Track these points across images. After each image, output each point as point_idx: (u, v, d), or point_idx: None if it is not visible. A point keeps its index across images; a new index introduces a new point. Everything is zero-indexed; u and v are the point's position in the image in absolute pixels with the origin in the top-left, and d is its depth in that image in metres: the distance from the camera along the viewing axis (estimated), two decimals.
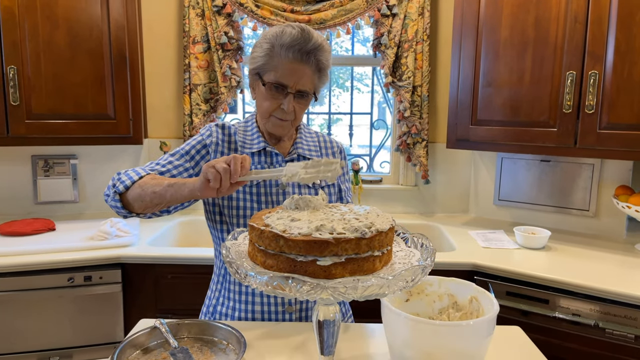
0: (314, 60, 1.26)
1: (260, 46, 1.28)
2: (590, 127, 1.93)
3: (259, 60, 1.28)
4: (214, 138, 1.34)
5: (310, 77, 1.28)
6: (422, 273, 0.80)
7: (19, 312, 1.90)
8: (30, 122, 2.13)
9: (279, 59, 1.25)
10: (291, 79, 1.25)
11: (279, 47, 1.24)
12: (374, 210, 0.92)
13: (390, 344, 1.02)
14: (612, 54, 1.85)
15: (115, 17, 2.18)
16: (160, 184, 1.16)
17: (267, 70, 1.27)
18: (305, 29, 1.25)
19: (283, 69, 1.25)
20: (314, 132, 1.51)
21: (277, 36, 1.25)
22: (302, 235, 0.77)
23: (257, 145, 1.35)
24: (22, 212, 2.51)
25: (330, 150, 1.49)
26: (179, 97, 2.62)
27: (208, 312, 1.40)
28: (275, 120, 1.31)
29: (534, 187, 2.46)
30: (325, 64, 1.29)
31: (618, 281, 1.69)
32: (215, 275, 1.42)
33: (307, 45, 1.23)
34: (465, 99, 2.23)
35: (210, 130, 1.36)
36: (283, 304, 1.32)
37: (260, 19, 2.45)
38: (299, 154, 1.39)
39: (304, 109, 1.33)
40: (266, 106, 1.29)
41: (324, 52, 1.27)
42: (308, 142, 1.45)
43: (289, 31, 1.24)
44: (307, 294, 0.74)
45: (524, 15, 2.04)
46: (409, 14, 2.45)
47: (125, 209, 1.25)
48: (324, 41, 1.28)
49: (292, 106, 1.28)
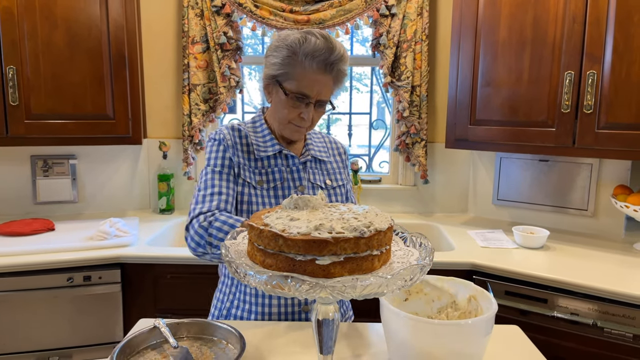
0: (336, 71, 1.25)
1: (279, 52, 1.25)
2: (588, 127, 1.93)
3: (279, 67, 1.25)
4: (229, 140, 1.33)
5: (331, 86, 1.28)
6: (420, 272, 0.80)
7: (18, 312, 1.90)
8: (29, 122, 2.13)
9: (301, 69, 1.23)
10: (313, 90, 1.25)
11: (303, 56, 1.22)
12: (373, 210, 0.92)
13: (389, 343, 1.02)
14: (610, 54, 1.86)
15: (114, 17, 2.18)
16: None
17: (287, 78, 1.25)
18: (328, 38, 1.23)
19: (306, 79, 1.23)
20: (319, 132, 1.53)
21: (299, 44, 1.22)
22: (301, 235, 0.77)
23: (272, 148, 1.35)
24: (21, 212, 2.51)
25: (336, 151, 1.51)
26: (178, 97, 2.62)
27: (221, 316, 1.39)
28: (293, 127, 1.31)
29: (533, 187, 2.47)
30: (345, 74, 1.29)
31: (616, 280, 1.70)
32: (227, 277, 1.41)
33: (331, 56, 1.22)
34: (464, 99, 2.23)
35: (223, 133, 1.34)
36: (300, 304, 1.32)
37: (259, 19, 2.45)
38: (312, 155, 1.41)
39: (320, 116, 1.35)
40: (285, 114, 1.29)
41: (345, 62, 1.27)
42: (317, 143, 1.46)
43: (313, 40, 1.21)
44: (306, 293, 0.74)
45: (522, 15, 2.04)
46: (408, 14, 2.45)
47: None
48: (345, 51, 1.27)
49: (312, 115, 1.29)
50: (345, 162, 1.52)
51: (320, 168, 1.42)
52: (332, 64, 1.23)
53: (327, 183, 1.41)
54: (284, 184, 1.34)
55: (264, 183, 1.32)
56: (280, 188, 1.33)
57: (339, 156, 1.51)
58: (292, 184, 1.34)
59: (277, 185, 1.33)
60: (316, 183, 1.39)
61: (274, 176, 1.34)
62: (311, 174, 1.39)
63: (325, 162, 1.44)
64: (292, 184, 1.34)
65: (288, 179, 1.35)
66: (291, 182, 1.35)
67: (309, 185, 1.37)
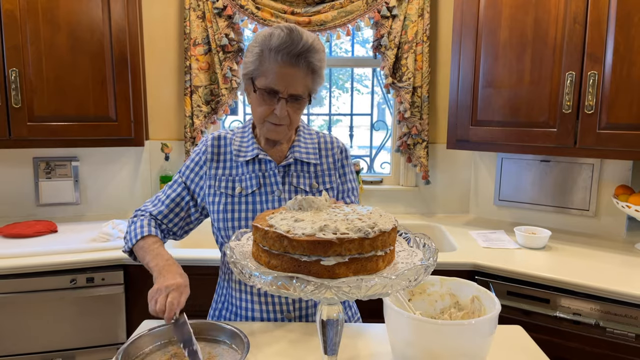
0: (305, 63, 1.21)
1: (251, 50, 1.25)
2: (589, 127, 1.94)
3: (250, 65, 1.25)
4: (208, 154, 1.36)
5: (302, 80, 1.23)
6: (424, 272, 0.81)
7: (21, 313, 1.91)
8: (32, 125, 2.14)
9: (268, 64, 1.21)
10: (282, 84, 1.21)
11: (268, 51, 1.20)
12: (377, 211, 0.93)
13: (392, 343, 1.03)
14: (611, 54, 1.86)
15: (116, 19, 2.18)
16: (144, 258, 1.30)
17: (258, 75, 1.24)
18: (294, 29, 1.20)
19: (273, 73, 1.21)
20: (314, 132, 1.45)
21: (266, 39, 1.21)
22: (306, 236, 0.78)
23: (251, 152, 1.33)
24: (23, 214, 2.51)
25: (331, 152, 1.41)
26: (180, 98, 2.63)
27: (214, 316, 1.43)
28: (269, 125, 1.27)
29: (534, 187, 2.47)
30: (317, 65, 1.23)
31: (618, 280, 1.70)
32: (221, 279, 1.43)
33: (296, 47, 1.19)
34: (465, 99, 2.24)
35: (206, 146, 1.37)
36: (282, 311, 1.32)
37: (261, 21, 2.46)
38: (295, 158, 1.35)
39: (299, 112, 1.29)
40: (260, 112, 1.26)
41: (315, 52, 1.22)
42: (307, 144, 1.39)
43: (277, 33, 1.20)
44: (312, 294, 0.75)
45: (523, 16, 2.05)
46: (409, 15, 2.46)
47: (137, 260, 1.37)
48: (315, 41, 1.22)
49: (286, 111, 1.24)
50: (341, 162, 1.43)
51: (307, 171, 1.36)
52: (298, 55, 1.19)
53: (312, 186, 1.35)
54: (261, 190, 1.31)
55: (242, 189, 1.31)
56: (258, 194, 1.31)
57: (332, 157, 1.41)
58: (269, 189, 1.32)
59: (255, 191, 1.31)
60: (299, 187, 1.34)
61: (251, 182, 1.32)
62: (295, 177, 1.34)
63: (312, 165, 1.38)
64: (269, 189, 1.32)
65: (265, 184, 1.32)
66: (268, 188, 1.32)
67: (290, 189, 1.33)
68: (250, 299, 1.33)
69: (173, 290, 1.15)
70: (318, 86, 1.30)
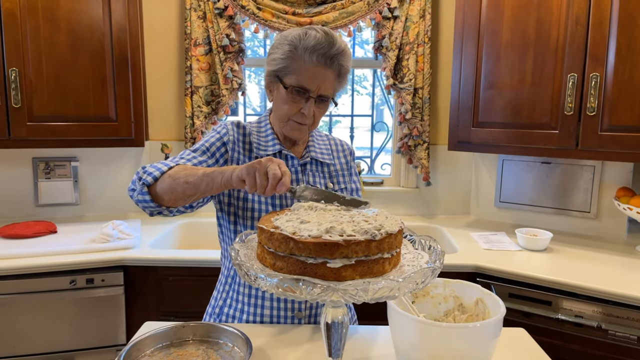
0: (337, 65, 1.24)
1: (281, 48, 1.25)
2: (591, 129, 1.93)
3: (280, 62, 1.25)
4: (231, 136, 1.32)
5: (332, 82, 1.26)
6: (431, 275, 0.80)
7: (21, 314, 1.90)
8: (31, 125, 2.13)
9: (301, 62, 1.22)
10: (314, 83, 1.23)
11: (303, 50, 1.21)
12: (383, 213, 0.92)
13: (396, 346, 1.02)
14: (614, 56, 1.86)
15: (117, 19, 2.18)
16: (194, 174, 1.11)
17: (288, 73, 1.24)
18: (329, 32, 1.23)
19: (306, 72, 1.22)
20: (324, 134, 1.51)
21: (301, 38, 1.22)
22: (312, 238, 0.77)
23: (273, 147, 1.34)
24: (23, 214, 2.50)
25: (342, 153, 1.48)
26: (181, 99, 2.62)
27: (214, 313, 1.39)
28: (293, 124, 1.29)
29: (535, 189, 2.47)
30: (346, 69, 1.28)
31: (620, 283, 1.70)
32: (223, 276, 1.41)
33: (332, 49, 1.21)
34: (466, 101, 2.23)
35: (227, 128, 1.34)
36: (292, 309, 1.31)
37: (261, 22, 2.45)
38: (312, 157, 1.38)
39: (323, 114, 1.32)
40: (285, 110, 1.27)
41: (346, 57, 1.25)
42: (320, 145, 1.44)
43: (314, 34, 1.21)
44: (318, 296, 0.74)
45: (525, 17, 2.05)
46: (410, 16, 2.46)
47: (154, 202, 1.18)
48: (347, 46, 1.26)
49: (313, 111, 1.26)
50: (350, 164, 1.50)
51: (322, 170, 1.41)
52: (332, 57, 1.22)
53: (327, 186, 1.40)
54: None
55: None
56: None
57: (344, 158, 1.48)
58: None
59: None
60: (315, 186, 1.37)
61: None
62: (311, 176, 1.37)
63: (327, 165, 1.42)
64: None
65: None
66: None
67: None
68: (262, 295, 1.32)
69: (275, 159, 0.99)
70: (342, 90, 1.33)
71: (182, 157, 1.26)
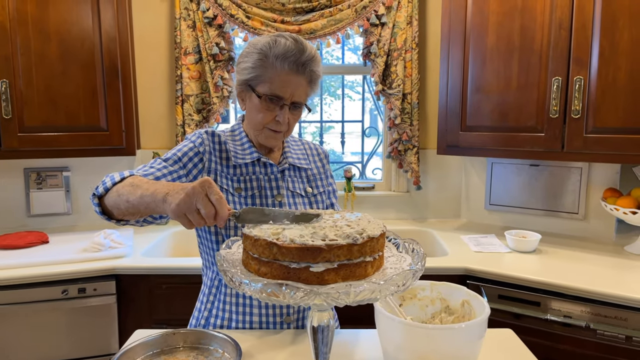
0: (309, 72, 1.25)
1: (250, 56, 1.25)
2: (576, 132, 1.96)
3: (251, 71, 1.25)
4: (207, 146, 1.31)
5: (304, 88, 1.27)
6: (412, 277, 0.82)
7: (13, 325, 1.89)
8: (22, 135, 2.14)
9: (273, 70, 1.23)
10: (287, 91, 1.24)
11: (274, 58, 1.22)
12: (365, 217, 0.94)
13: (384, 348, 1.03)
14: (597, 59, 1.89)
15: (106, 29, 2.19)
16: (135, 193, 1.03)
17: (260, 81, 1.25)
18: (298, 39, 1.24)
19: (278, 80, 1.23)
20: (298, 139, 1.52)
21: (270, 46, 1.23)
22: (295, 243, 0.78)
23: (250, 155, 1.34)
24: (15, 225, 2.50)
25: (317, 157, 1.49)
26: (171, 107, 2.63)
27: (199, 325, 1.37)
28: (268, 132, 1.29)
29: (524, 192, 2.50)
30: (318, 75, 1.28)
31: (608, 283, 1.72)
32: (206, 286, 1.39)
33: (302, 56, 1.22)
34: (454, 105, 2.26)
35: (202, 138, 1.32)
36: (281, 314, 1.32)
37: (251, 30, 2.47)
38: (289, 163, 1.39)
39: (297, 120, 1.33)
40: (260, 118, 1.27)
41: (317, 62, 1.26)
42: (296, 150, 1.45)
43: (283, 42, 1.22)
44: (301, 300, 0.75)
45: (509, 23, 2.08)
46: (398, 23, 2.49)
47: (103, 214, 1.14)
48: (316, 52, 1.27)
49: (287, 118, 1.27)
50: (326, 167, 1.51)
51: (300, 175, 1.41)
52: (303, 64, 1.23)
53: (307, 191, 1.40)
54: (261, 192, 1.32)
55: (242, 190, 1.31)
56: (258, 196, 1.32)
57: (319, 162, 1.49)
58: (270, 193, 1.33)
59: (255, 193, 1.32)
60: (295, 191, 1.38)
61: (252, 184, 1.32)
62: (290, 182, 1.38)
63: (304, 169, 1.43)
64: (269, 192, 1.33)
65: (266, 187, 1.33)
66: (269, 191, 1.33)
67: (287, 194, 1.36)
68: (250, 302, 1.32)
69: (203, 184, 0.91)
70: (314, 95, 1.34)
71: (151, 166, 1.23)
